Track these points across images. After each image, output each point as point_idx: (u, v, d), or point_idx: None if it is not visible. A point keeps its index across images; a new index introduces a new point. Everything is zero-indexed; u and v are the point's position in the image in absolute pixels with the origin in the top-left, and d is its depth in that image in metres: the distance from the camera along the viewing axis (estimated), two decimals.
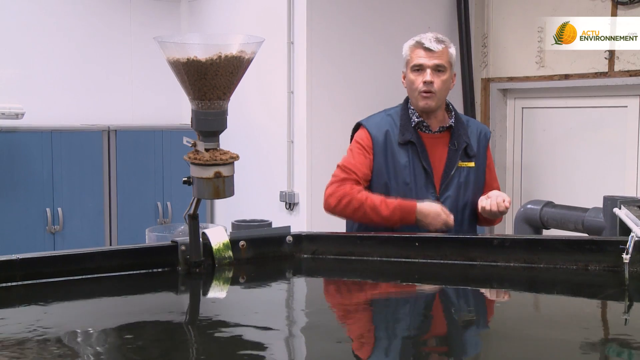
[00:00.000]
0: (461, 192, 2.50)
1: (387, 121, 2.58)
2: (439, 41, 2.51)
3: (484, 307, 1.93)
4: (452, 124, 2.56)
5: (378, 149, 2.54)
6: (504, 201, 2.41)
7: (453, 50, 2.55)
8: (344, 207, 2.51)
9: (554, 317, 1.75)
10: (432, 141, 2.55)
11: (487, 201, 2.42)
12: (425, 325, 1.72)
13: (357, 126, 2.64)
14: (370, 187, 2.55)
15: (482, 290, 2.07)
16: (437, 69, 2.50)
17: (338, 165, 2.60)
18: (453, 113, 2.59)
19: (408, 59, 2.54)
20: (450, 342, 1.55)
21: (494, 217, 2.48)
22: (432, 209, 2.43)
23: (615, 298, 1.90)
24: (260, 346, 1.45)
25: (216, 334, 1.57)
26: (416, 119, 2.55)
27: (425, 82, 2.48)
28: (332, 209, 2.55)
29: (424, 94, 2.49)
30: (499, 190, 2.63)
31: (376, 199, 2.49)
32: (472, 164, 2.54)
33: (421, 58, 2.50)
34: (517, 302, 1.95)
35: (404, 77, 2.59)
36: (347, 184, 2.53)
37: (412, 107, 2.58)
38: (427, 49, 2.49)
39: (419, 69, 2.50)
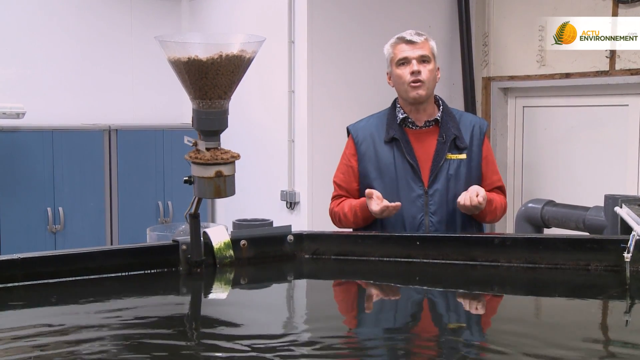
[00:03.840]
0: (451, 185, 2.50)
1: (373, 123, 2.62)
2: (419, 34, 2.56)
3: (485, 307, 1.93)
4: (439, 117, 2.57)
5: (362, 153, 2.59)
6: (477, 195, 2.37)
7: (434, 44, 2.59)
8: (339, 222, 2.63)
9: (555, 316, 1.75)
10: (418, 136, 2.56)
11: (462, 196, 2.42)
12: (427, 325, 1.72)
13: (347, 132, 2.68)
14: (360, 190, 2.59)
15: (483, 289, 2.07)
16: (422, 60, 2.52)
17: (333, 180, 2.69)
18: (441, 107, 2.61)
19: (392, 56, 2.57)
20: (450, 343, 1.55)
21: (470, 212, 2.44)
22: (367, 200, 2.45)
23: (617, 297, 1.90)
24: (261, 346, 1.45)
25: (217, 334, 1.57)
26: (401, 116, 2.57)
27: (413, 72, 2.50)
28: (338, 226, 2.66)
29: (413, 84, 2.51)
30: (501, 184, 2.63)
31: (346, 205, 2.58)
32: (463, 156, 2.54)
33: (405, 51, 2.53)
34: (518, 301, 1.95)
35: (389, 77, 2.62)
36: (333, 201, 2.66)
37: (399, 105, 2.61)
38: (409, 42, 2.53)
39: (404, 62, 2.53)
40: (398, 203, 2.41)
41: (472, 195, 2.38)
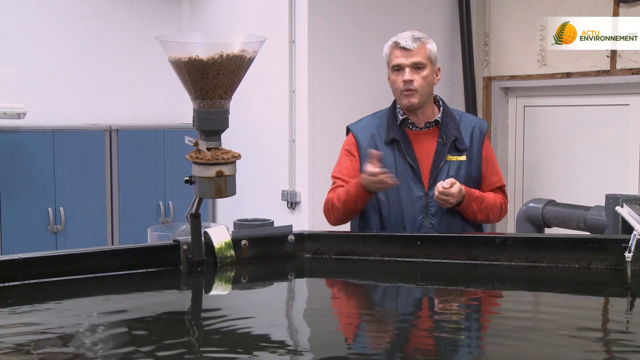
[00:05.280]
0: None
1: (374, 123, 2.62)
2: (415, 39, 2.51)
3: (485, 306, 1.93)
4: (439, 119, 2.57)
5: (363, 152, 2.57)
6: (449, 187, 2.37)
7: (432, 46, 2.55)
8: (330, 210, 2.56)
9: (556, 316, 1.75)
10: (418, 137, 2.56)
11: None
12: (428, 325, 1.72)
13: (347, 130, 2.67)
14: None
15: (484, 289, 2.07)
16: (416, 67, 2.51)
17: (332, 175, 2.65)
18: (441, 108, 2.60)
19: (388, 60, 2.57)
20: (450, 343, 1.55)
21: (444, 203, 2.42)
22: (364, 174, 2.40)
23: (618, 296, 1.90)
24: (261, 346, 1.45)
25: (218, 334, 1.57)
26: (401, 117, 2.57)
27: (405, 82, 2.50)
28: (330, 220, 2.60)
29: (405, 93, 2.51)
30: (501, 184, 2.62)
31: (341, 189, 2.53)
32: (463, 158, 2.54)
33: (399, 58, 2.52)
34: (518, 300, 1.95)
35: (389, 78, 2.61)
36: (328, 194, 2.60)
37: (399, 106, 2.61)
38: (404, 49, 2.51)
39: (398, 68, 2.53)
40: (394, 181, 2.36)
41: (438, 186, 2.38)
